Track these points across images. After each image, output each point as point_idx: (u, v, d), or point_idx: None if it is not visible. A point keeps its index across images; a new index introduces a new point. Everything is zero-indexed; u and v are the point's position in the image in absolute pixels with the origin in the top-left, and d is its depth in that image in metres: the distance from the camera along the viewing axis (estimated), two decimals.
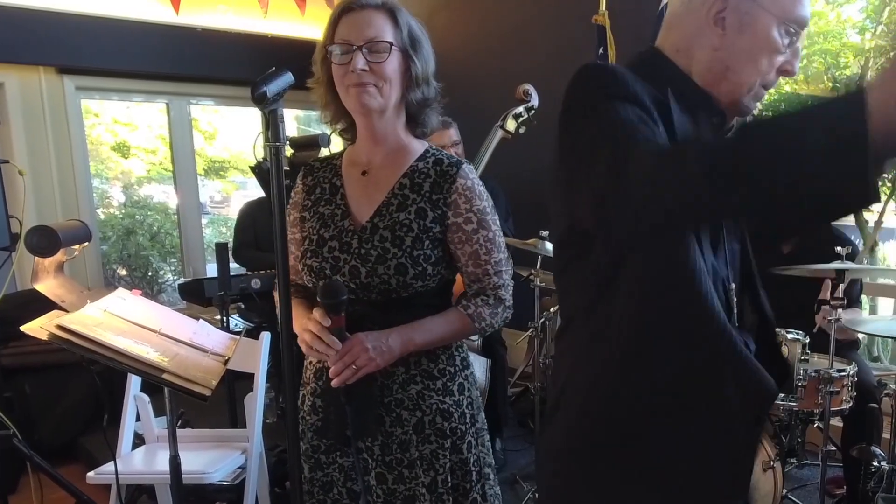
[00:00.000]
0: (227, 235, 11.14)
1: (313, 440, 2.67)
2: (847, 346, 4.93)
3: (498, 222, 2.70)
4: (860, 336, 5.14)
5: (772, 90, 1.99)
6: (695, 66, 1.95)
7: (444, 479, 2.63)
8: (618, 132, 1.67)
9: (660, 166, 1.55)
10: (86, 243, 4.95)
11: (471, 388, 2.77)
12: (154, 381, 2.81)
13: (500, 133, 5.53)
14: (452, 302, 2.75)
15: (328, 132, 2.78)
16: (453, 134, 5.73)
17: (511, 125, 5.52)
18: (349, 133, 2.70)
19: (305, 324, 2.42)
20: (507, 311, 2.73)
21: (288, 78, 2.04)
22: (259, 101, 1.90)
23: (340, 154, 2.77)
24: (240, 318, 6.72)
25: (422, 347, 2.51)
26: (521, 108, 5.57)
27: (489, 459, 2.81)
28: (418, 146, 2.67)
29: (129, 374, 4.14)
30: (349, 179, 2.66)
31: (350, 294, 2.50)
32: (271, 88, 1.95)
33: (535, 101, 5.60)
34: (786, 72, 1.92)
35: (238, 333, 3.98)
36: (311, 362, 2.70)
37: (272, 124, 1.92)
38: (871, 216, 9.06)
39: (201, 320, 3.46)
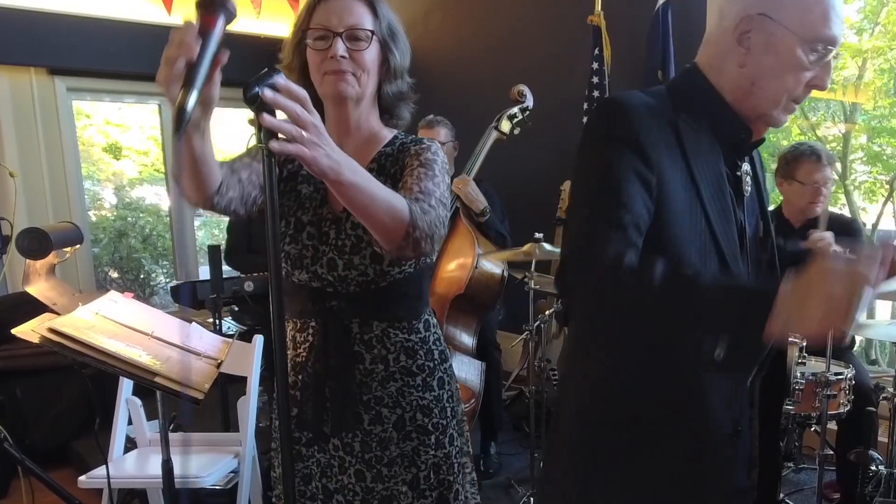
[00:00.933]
0: (220, 238, 11.14)
1: (293, 432, 2.63)
2: (843, 347, 4.95)
3: (447, 181, 2.55)
4: (857, 339, 5.16)
5: None
6: (724, 82, 2.08)
7: (427, 476, 2.64)
8: (601, 196, 1.94)
9: (608, 278, 1.81)
10: (77, 245, 4.95)
11: (450, 380, 2.76)
12: (146, 385, 2.81)
13: (494, 134, 5.54)
14: (430, 293, 2.75)
15: None
16: (441, 134, 5.69)
17: (506, 126, 5.53)
18: None
19: None
20: (440, 227, 2.35)
21: (280, 79, 2.03)
22: (251, 102, 1.88)
23: None
24: (232, 322, 6.72)
25: (353, 181, 2.03)
26: (515, 109, 5.58)
27: (467, 449, 2.83)
28: (387, 133, 2.67)
29: (121, 378, 4.13)
30: None
31: (328, 287, 2.53)
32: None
33: (529, 102, 5.61)
34: (815, 86, 2.02)
35: (231, 336, 3.98)
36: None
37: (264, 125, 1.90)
38: (868, 218, 9.09)
39: (194, 323, 3.46)
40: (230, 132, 10.21)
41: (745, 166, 2.18)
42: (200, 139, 2.02)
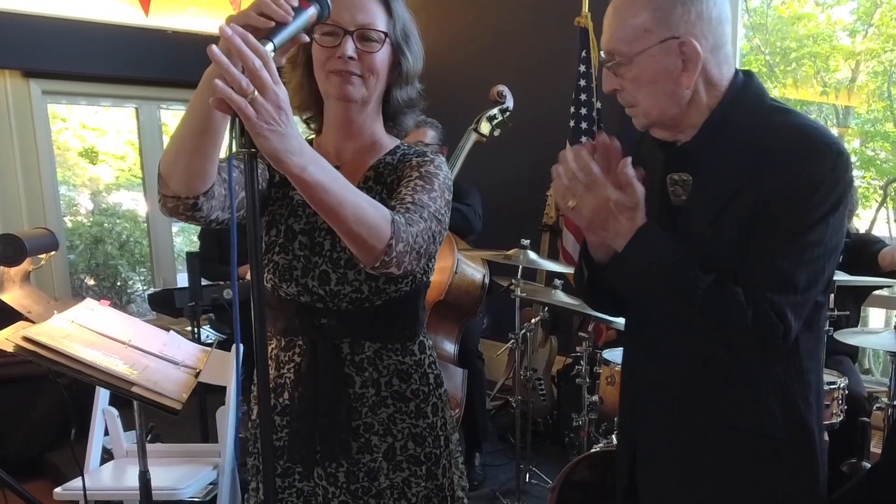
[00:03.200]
0: (198, 245, 11.15)
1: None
2: (845, 354, 5.00)
3: (447, 197, 2.42)
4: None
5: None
6: None
7: None
8: None
9: None
10: (53, 252, 4.96)
11: (444, 407, 2.66)
12: (123, 395, 2.83)
13: (473, 136, 5.53)
14: (426, 311, 2.69)
15: None
16: (428, 135, 5.61)
17: (485, 128, 5.53)
18: (316, 122, 2.60)
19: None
20: (429, 242, 2.26)
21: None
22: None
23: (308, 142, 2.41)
24: (211, 330, 6.73)
25: (318, 181, 1.91)
26: (495, 110, 5.58)
27: (463, 482, 2.72)
28: (389, 142, 2.57)
29: (97, 388, 4.14)
30: None
31: (318, 303, 2.45)
32: None
33: (509, 103, 5.62)
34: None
35: (209, 345, 3.99)
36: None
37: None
38: (860, 224, 9.13)
39: (172, 332, 3.48)
40: None
41: (680, 175, 2.27)
42: (221, 123, 1.95)
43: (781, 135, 2.09)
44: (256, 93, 1.70)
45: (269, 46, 1.77)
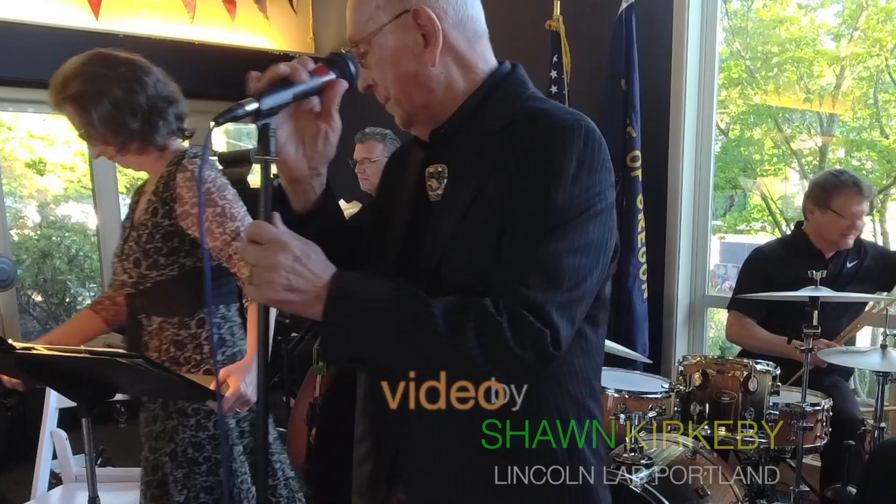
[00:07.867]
0: None
1: None
2: (840, 374, 5.02)
3: (228, 197, 3.16)
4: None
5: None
6: None
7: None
8: None
9: None
10: None
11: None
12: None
13: None
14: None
15: None
16: (376, 150, 5.88)
17: None
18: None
19: None
20: None
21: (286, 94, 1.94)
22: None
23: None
24: None
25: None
26: None
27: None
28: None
29: (45, 409, 4.14)
30: None
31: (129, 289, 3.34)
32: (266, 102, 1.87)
33: None
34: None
35: None
36: None
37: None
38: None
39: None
40: None
41: (436, 167, 2.16)
42: None
43: (526, 118, 2.01)
44: None
45: (253, 105, 1.79)
